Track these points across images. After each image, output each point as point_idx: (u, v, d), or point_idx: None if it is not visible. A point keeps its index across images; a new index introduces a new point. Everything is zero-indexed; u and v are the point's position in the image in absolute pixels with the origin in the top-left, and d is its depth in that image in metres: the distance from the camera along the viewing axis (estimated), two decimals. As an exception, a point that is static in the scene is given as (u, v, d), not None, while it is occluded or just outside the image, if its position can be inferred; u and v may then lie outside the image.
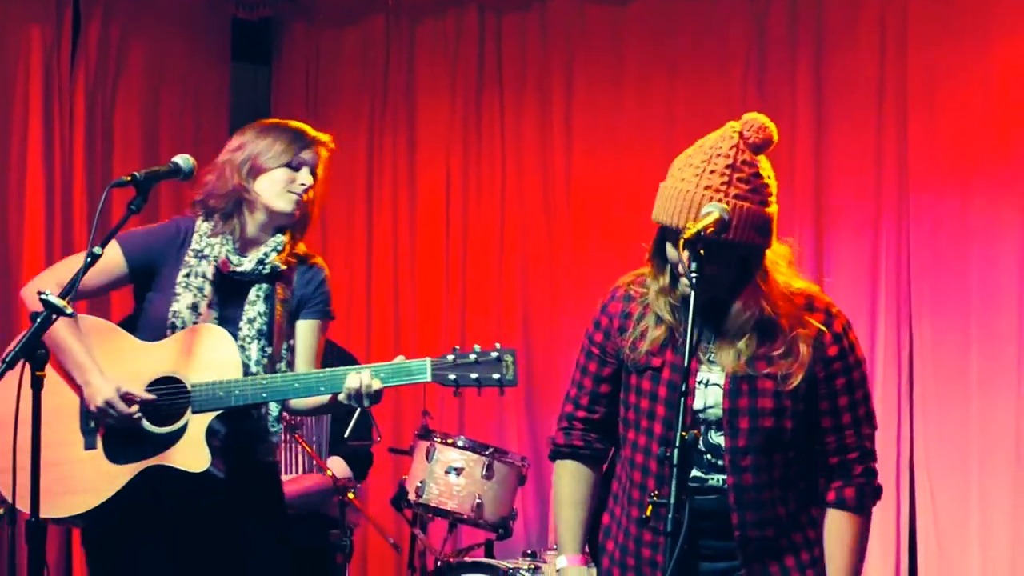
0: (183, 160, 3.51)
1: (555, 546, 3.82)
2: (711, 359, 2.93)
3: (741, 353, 2.87)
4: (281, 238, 3.63)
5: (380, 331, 6.99)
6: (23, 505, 3.43)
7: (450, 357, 3.38)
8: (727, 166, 2.80)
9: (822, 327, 2.89)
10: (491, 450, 5.09)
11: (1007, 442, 5.57)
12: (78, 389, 3.47)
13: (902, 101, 5.92)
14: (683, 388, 2.69)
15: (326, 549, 5.20)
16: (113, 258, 3.59)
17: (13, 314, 6.03)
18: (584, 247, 6.61)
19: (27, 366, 3.06)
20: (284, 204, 3.60)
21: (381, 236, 7.09)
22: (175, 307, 3.55)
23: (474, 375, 3.37)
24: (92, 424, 3.49)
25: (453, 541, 5.57)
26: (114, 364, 3.47)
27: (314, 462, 5.02)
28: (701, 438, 2.91)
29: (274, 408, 3.59)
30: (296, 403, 3.61)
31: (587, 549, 3.13)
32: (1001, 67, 5.69)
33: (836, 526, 2.96)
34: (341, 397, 3.39)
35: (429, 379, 3.37)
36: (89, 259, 3.20)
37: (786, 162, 5.78)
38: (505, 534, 5.13)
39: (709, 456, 2.93)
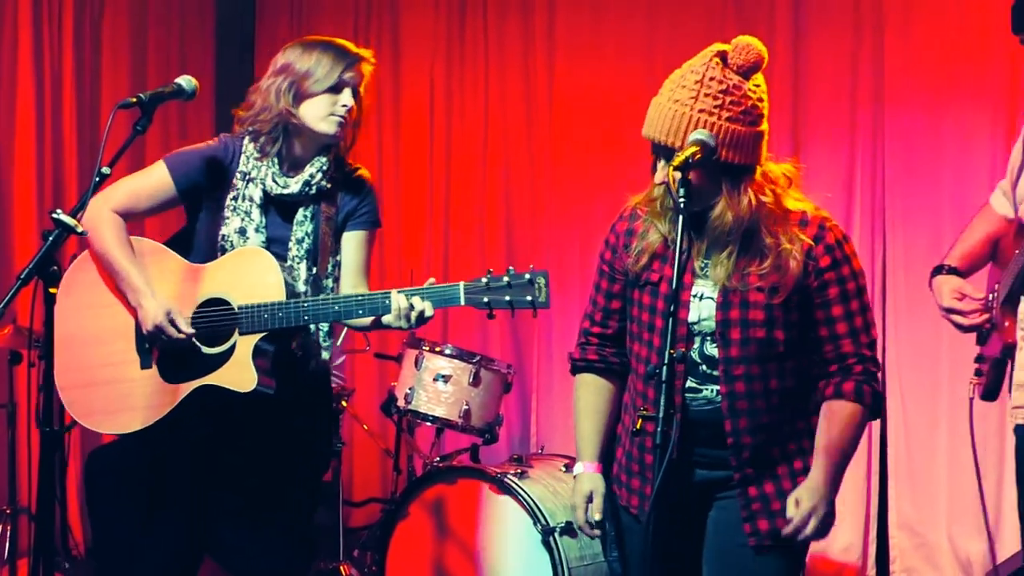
0: (186, 81, 3.58)
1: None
2: (705, 273, 3.04)
3: (724, 266, 2.97)
4: (325, 159, 3.68)
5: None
6: (86, 421, 3.64)
7: (483, 280, 3.42)
8: (721, 91, 2.91)
9: (812, 241, 2.98)
10: (478, 358, 5.23)
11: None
12: (133, 311, 3.57)
13: (879, 18, 6.02)
14: (671, 309, 2.82)
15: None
16: (161, 179, 3.66)
17: (4, 218, 6.14)
18: (565, 156, 6.73)
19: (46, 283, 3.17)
20: (327, 127, 3.62)
21: (366, 147, 7.15)
22: (224, 231, 3.63)
23: (507, 297, 3.40)
24: (147, 344, 3.59)
25: (439, 446, 5.73)
26: (166, 285, 3.57)
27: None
28: (697, 349, 3.02)
29: (323, 326, 3.67)
30: (348, 322, 3.69)
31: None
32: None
33: (828, 410, 3.02)
34: (389, 319, 3.44)
35: (463, 303, 3.42)
36: (97, 179, 3.29)
37: (764, 76, 5.86)
38: (491, 439, 5.29)
39: (704, 367, 3.03)
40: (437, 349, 5.24)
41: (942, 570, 5.79)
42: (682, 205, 2.83)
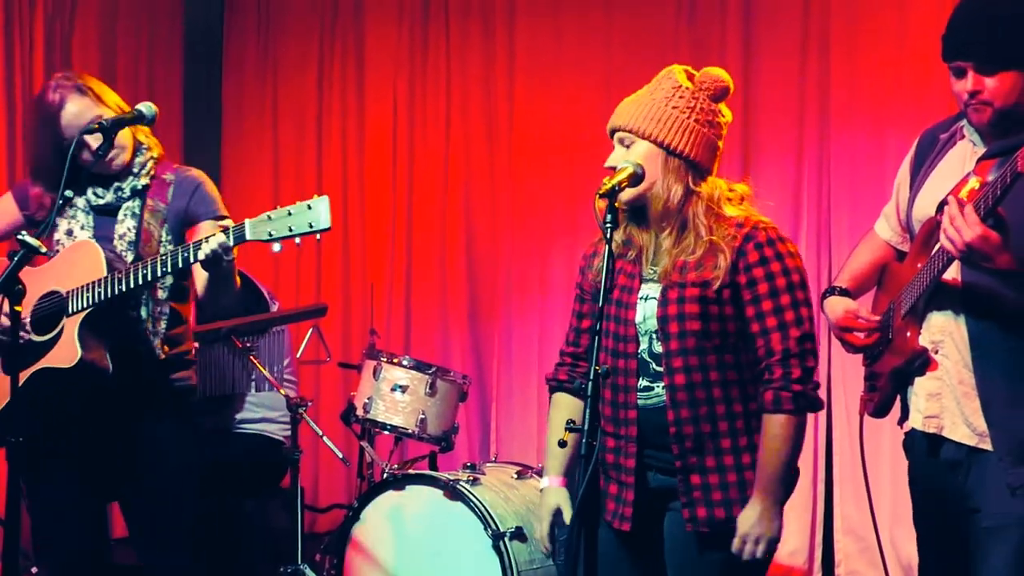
0: (146, 107, 3.75)
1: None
2: (652, 277, 3.21)
3: (664, 257, 3.16)
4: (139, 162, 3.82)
5: (329, 255, 7.26)
6: None
7: (267, 215, 3.42)
8: (692, 98, 3.17)
9: (743, 239, 3.15)
10: (434, 369, 5.39)
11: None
12: None
13: (824, 41, 6.23)
14: (596, 327, 2.99)
15: (278, 463, 5.52)
16: (9, 208, 3.87)
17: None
18: (524, 172, 6.91)
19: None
20: (108, 170, 3.77)
21: (330, 162, 7.35)
22: (56, 236, 3.77)
23: (289, 226, 3.39)
24: None
25: (399, 453, 5.88)
26: None
27: (268, 382, 5.31)
28: (645, 348, 3.18)
29: (148, 313, 3.73)
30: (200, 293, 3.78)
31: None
32: (916, 13, 5.99)
33: (762, 425, 3.15)
34: (201, 256, 3.44)
35: (249, 237, 3.40)
36: (61, 201, 3.49)
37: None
38: (447, 447, 5.44)
39: (654, 365, 3.19)
40: (395, 360, 5.40)
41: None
42: (608, 233, 3.02)
